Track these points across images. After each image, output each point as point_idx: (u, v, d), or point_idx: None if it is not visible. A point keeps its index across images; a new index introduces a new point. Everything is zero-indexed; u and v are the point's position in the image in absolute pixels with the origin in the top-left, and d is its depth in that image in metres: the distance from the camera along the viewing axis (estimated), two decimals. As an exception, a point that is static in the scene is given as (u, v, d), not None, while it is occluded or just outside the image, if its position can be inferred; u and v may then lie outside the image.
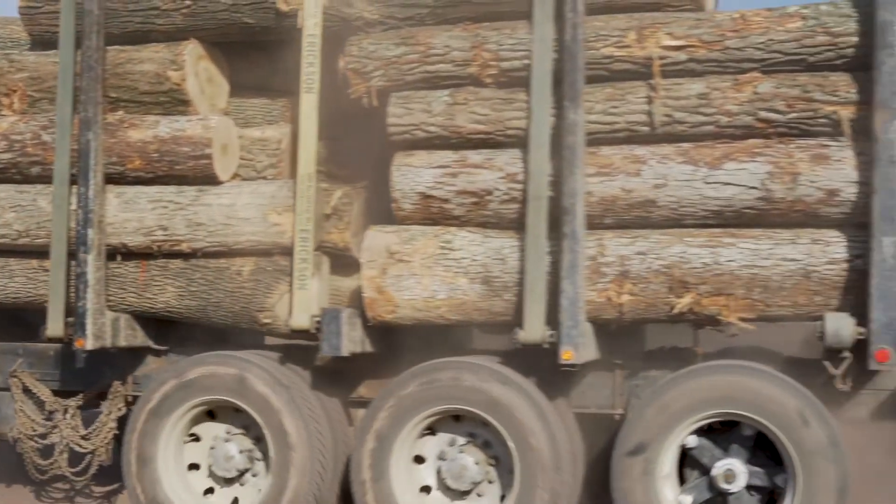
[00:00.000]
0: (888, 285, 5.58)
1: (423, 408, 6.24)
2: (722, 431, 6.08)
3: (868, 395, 6.16)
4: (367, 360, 6.68)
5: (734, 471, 5.93)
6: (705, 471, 6.03)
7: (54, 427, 7.19)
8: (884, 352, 5.59)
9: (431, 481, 6.39)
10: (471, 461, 6.27)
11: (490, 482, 6.31)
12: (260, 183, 6.77)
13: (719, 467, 5.96)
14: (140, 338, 7.07)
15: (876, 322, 5.60)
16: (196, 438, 6.82)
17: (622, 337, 6.50)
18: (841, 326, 5.66)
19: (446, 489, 6.35)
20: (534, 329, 6.03)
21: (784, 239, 5.89)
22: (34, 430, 7.22)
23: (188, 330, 7.15)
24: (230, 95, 7.14)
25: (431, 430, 6.39)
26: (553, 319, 6.02)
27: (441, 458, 6.34)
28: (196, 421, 6.76)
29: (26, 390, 7.25)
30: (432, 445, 6.39)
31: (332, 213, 6.84)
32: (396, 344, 6.69)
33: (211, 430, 6.78)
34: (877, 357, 5.60)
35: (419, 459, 6.41)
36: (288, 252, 6.55)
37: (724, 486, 5.94)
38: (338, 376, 6.79)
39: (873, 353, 5.60)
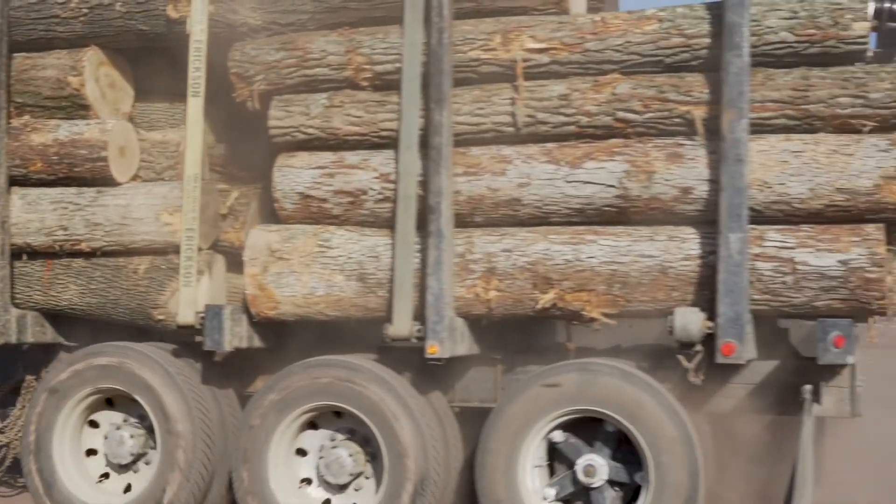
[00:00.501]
0: (734, 280, 5.72)
1: (279, 427, 6.48)
2: (590, 428, 6.21)
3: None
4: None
5: (594, 466, 6.06)
6: (571, 465, 6.18)
7: (-30, 421, 7.47)
8: (729, 345, 5.72)
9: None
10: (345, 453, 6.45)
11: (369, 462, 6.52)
12: (154, 184, 7.01)
13: (581, 462, 6.10)
14: (50, 334, 7.32)
15: (723, 316, 5.73)
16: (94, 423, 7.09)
17: (503, 331, 6.63)
18: (689, 321, 5.80)
19: (327, 485, 6.55)
20: (402, 324, 6.22)
21: (643, 236, 6.04)
22: (-49, 424, 7.50)
23: (99, 326, 7.36)
24: (138, 100, 7.37)
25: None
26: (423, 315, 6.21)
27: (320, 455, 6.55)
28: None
29: (-55, 385, 7.54)
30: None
31: (228, 213, 7.08)
32: (289, 339, 6.89)
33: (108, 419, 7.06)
34: (723, 350, 5.73)
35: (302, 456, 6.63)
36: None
37: (585, 480, 6.08)
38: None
39: (720, 346, 5.74)
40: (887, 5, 6.26)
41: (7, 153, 7.05)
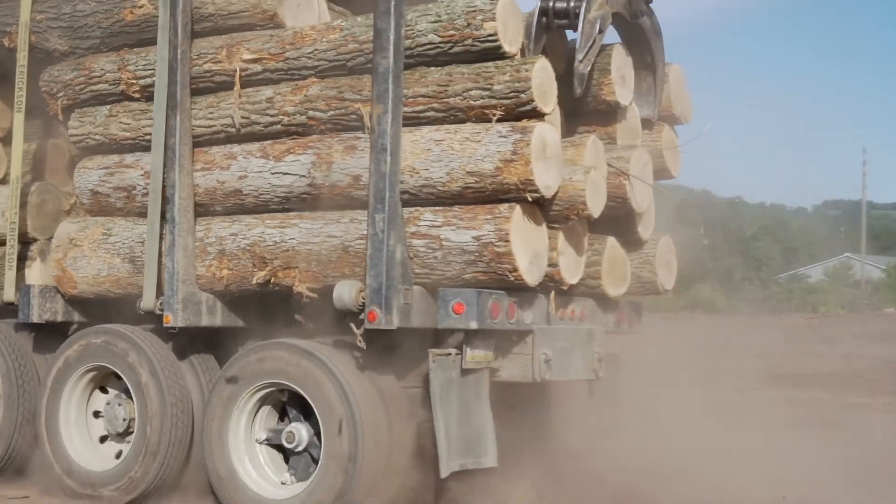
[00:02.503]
0: (377, 255, 6.47)
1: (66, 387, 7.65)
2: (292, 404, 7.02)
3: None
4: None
5: (293, 431, 6.88)
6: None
7: None
8: (372, 312, 6.47)
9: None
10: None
11: None
12: (2, 187, 8.37)
13: (283, 436, 6.92)
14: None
15: (369, 287, 6.50)
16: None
17: (266, 306, 7.57)
18: (342, 292, 6.58)
19: (117, 436, 7.69)
20: (148, 299, 7.31)
21: (331, 219, 6.89)
22: None
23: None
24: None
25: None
26: (175, 292, 7.29)
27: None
28: None
29: None
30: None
31: (70, 210, 8.37)
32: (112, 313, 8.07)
33: None
34: (368, 317, 6.49)
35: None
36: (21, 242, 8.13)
37: (292, 446, 6.88)
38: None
39: (366, 314, 6.51)
40: (552, 4, 6.82)
41: None
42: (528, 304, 6.84)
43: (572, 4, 6.79)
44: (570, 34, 7.31)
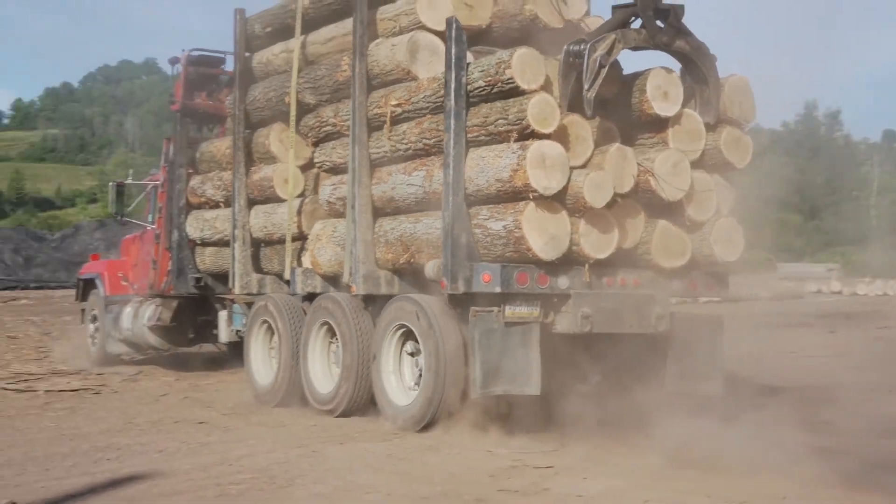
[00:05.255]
0: (447, 242, 9.17)
1: (313, 330, 11.08)
2: None
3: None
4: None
5: (418, 358, 9.80)
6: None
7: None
8: (442, 282, 9.18)
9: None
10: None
11: None
12: (295, 200, 11.99)
13: (414, 360, 9.90)
14: (285, 289, 12.62)
15: (444, 265, 9.21)
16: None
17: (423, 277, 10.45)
18: (429, 268, 9.37)
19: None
20: (346, 275, 10.55)
21: (437, 216, 9.66)
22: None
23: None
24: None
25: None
26: (361, 269, 10.50)
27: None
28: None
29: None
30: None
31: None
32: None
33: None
34: (440, 285, 9.21)
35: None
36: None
37: (419, 368, 9.81)
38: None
39: (440, 283, 9.22)
40: (570, 48, 8.97)
41: (246, 187, 12.58)
42: (563, 273, 9.11)
43: (581, 47, 8.92)
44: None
